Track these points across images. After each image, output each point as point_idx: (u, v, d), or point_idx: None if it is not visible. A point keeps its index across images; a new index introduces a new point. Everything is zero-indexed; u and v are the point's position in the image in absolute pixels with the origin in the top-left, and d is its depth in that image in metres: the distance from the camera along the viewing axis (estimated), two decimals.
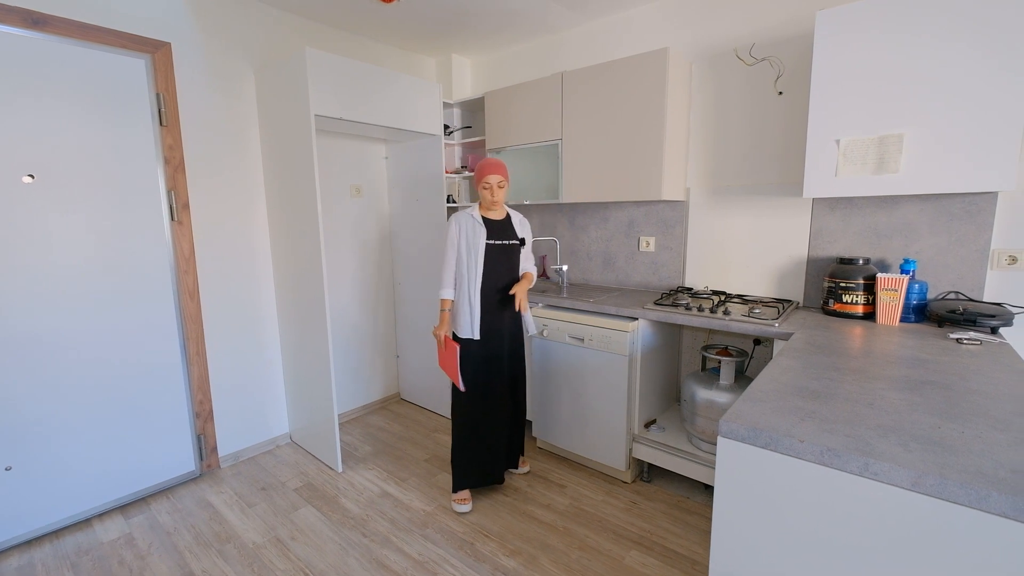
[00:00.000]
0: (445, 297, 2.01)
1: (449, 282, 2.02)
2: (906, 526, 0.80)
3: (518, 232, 2.09)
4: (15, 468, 1.88)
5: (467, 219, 2.01)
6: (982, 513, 0.73)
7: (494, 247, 1.99)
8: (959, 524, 0.75)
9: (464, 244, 1.99)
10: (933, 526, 0.77)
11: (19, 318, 1.84)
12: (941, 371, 1.25)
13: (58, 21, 1.83)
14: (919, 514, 0.78)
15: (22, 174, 1.82)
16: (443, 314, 2.01)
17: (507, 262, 2.04)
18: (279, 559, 1.80)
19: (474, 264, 1.97)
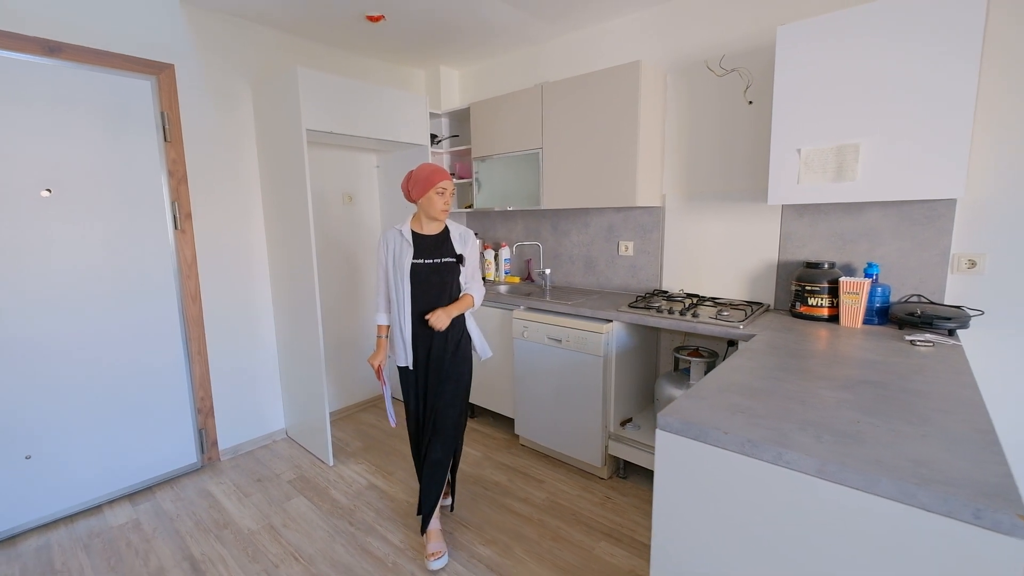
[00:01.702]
0: (380, 323, 1.86)
1: (383, 305, 1.85)
2: (812, 509, 0.84)
3: (456, 247, 1.81)
4: (33, 457, 2.00)
5: (395, 236, 1.79)
6: (873, 496, 0.77)
7: (422, 267, 1.75)
8: (854, 507, 0.80)
9: (392, 264, 1.78)
10: (833, 509, 0.82)
11: (37, 319, 1.95)
12: (884, 371, 1.28)
13: (72, 48, 1.95)
14: (822, 498, 0.83)
15: (40, 188, 1.94)
16: (378, 341, 1.87)
17: (440, 283, 1.77)
18: (271, 544, 1.88)
19: (402, 286, 1.75)
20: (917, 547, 0.75)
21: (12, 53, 1.85)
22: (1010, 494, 0.71)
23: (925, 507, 0.73)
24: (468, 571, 1.71)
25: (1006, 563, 0.68)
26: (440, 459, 1.79)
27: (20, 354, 1.93)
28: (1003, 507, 0.68)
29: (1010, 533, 0.67)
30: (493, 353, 2.66)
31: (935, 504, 0.73)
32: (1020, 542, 0.67)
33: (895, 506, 0.76)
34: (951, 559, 0.72)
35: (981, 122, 1.65)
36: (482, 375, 2.78)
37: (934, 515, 0.73)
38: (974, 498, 0.71)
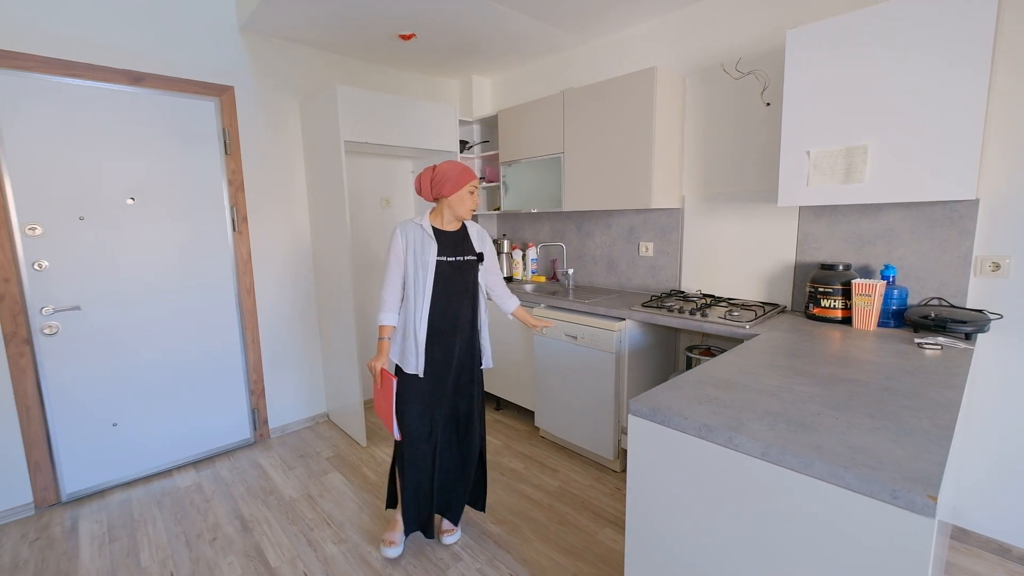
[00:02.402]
0: (386, 323, 1.69)
1: (392, 304, 1.70)
2: (757, 488, 0.93)
3: (476, 246, 1.78)
4: (119, 425, 2.37)
5: (415, 230, 1.69)
6: (807, 477, 0.86)
7: (446, 265, 1.68)
8: (791, 487, 0.88)
9: (411, 260, 1.67)
10: (774, 488, 0.91)
11: (123, 308, 2.32)
12: (872, 371, 1.31)
13: (152, 77, 2.30)
14: (765, 478, 0.92)
15: (126, 197, 2.30)
16: (381, 343, 1.69)
17: (462, 282, 1.71)
18: (308, 510, 2.14)
19: (422, 285, 1.65)
20: (843, 524, 0.82)
21: (105, 84, 2.22)
22: (931, 479, 0.78)
23: (850, 487, 0.81)
24: (478, 545, 1.88)
25: (918, 539, 0.75)
26: (481, 449, 1.87)
27: (109, 337, 2.31)
28: (917, 489, 0.75)
29: (921, 512, 0.74)
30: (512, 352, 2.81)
31: (858, 485, 0.80)
32: (930, 520, 0.74)
33: (825, 486, 0.84)
34: (872, 535, 0.80)
35: (1007, 121, 1.60)
36: (507, 370, 2.94)
37: (857, 495, 0.80)
38: (894, 481, 0.78)
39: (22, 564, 1.88)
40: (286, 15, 2.37)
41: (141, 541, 2.00)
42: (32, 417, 2.16)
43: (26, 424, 2.15)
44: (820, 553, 0.86)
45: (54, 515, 2.18)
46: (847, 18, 1.63)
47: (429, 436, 1.76)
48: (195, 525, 2.08)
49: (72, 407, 2.25)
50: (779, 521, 0.90)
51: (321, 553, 1.88)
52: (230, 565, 1.84)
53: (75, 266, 2.21)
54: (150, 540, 2.00)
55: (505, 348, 2.93)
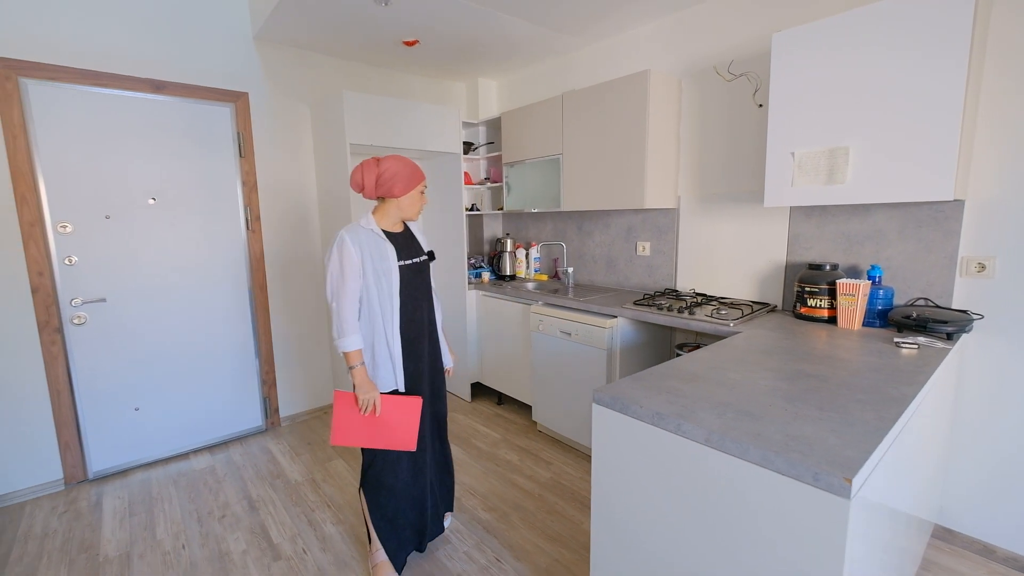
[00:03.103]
0: (354, 348, 1.49)
1: (355, 325, 1.50)
2: (700, 471, 1.00)
3: (423, 244, 1.72)
4: (140, 410, 2.56)
5: (367, 236, 1.53)
6: (742, 461, 0.92)
7: (406, 269, 1.57)
8: (729, 470, 0.95)
9: (371, 270, 1.50)
10: (714, 471, 0.97)
11: (145, 300, 2.51)
12: (839, 368, 1.36)
13: (172, 85, 2.47)
14: (707, 462, 0.99)
15: (148, 198, 2.48)
16: (357, 372, 1.50)
17: (422, 284, 1.64)
18: (311, 493, 2.28)
19: (388, 294, 1.52)
20: (774, 505, 0.89)
21: (130, 92, 2.40)
22: (852, 464, 0.83)
23: (779, 471, 0.87)
24: (468, 530, 1.98)
25: (835, 517, 0.81)
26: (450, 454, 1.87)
27: (132, 327, 2.49)
28: (835, 472, 0.81)
29: (838, 493, 0.80)
30: (512, 347, 2.89)
31: (786, 468, 0.86)
32: (844, 500, 0.80)
33: (759, 470, 0.90)
34: (797, 514, 0.86)
35: (994, 125, 1.61)
36: (507, 366, 3.04)
37: (785, 478, 0.87)
38: (818, 465, 0.84)
39: (51, 533, 2.06)
40: (296, 24, 2.51)
41: (158, 517, 2.16)
42: (63, 400, 2.36)
43: (57, 407, 2.34)
44: (756, 532, 0.92)
45: (81, 491, 2.37)
46: (829, 21, 1.66)
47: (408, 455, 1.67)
48: (207, 504, 2.24)
49: (98, 392, 2.44)
50: (721, 503, 0.97)
51: (320, 533, 2.01)
52: (236, 540, 1.98)
53: (101, 261, 2.40)
54: (166, 516, 2.16)
55: (505, 344, 3.02)
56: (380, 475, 1.63)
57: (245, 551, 1.92)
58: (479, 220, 3.71)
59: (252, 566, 1.84)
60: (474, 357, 3.28)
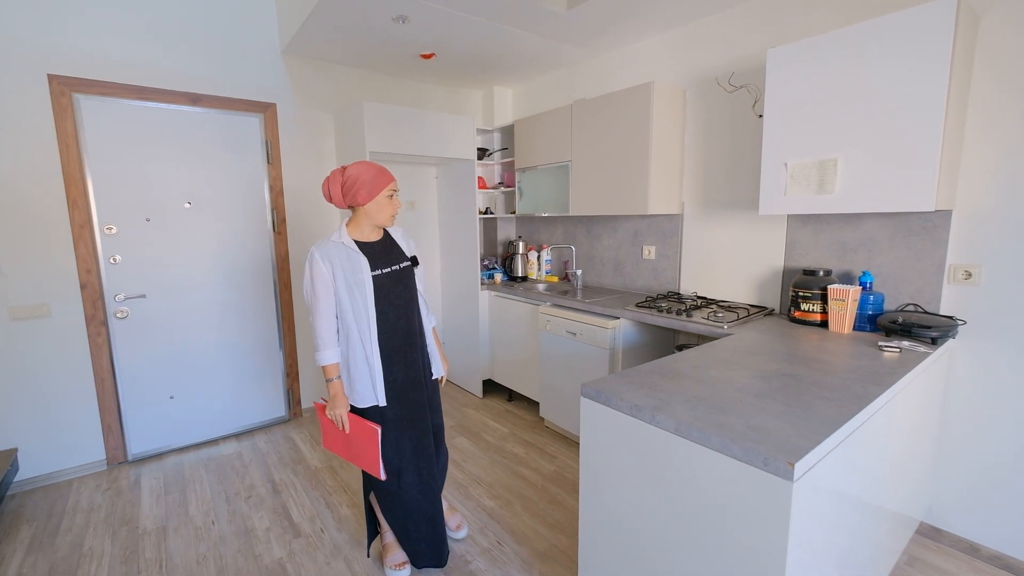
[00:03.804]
0: (330, 362, 1.53)
1: (331, 340, 1.54)
2: (669, 456, 1.13)
3: (406, 250, 1.66)
4: (175, 398, 2.79)
5: (337, 249, 1.53)
6: (704, 448, 1.05)
7: (383, 278, 1.55)
8: (694, 456, 1.07)
9: (342, 283, 1.51)
10: (681, 457, 1.10)
11: (180, 296, 2.74)
12: (815, 368, 1.46)
13: (208, 98, 2.70)
14: (676, 449, 1.11)
15: (184, 201, 2.71)
16: (332, 385, 1.54)
17: (403, 292, 1.59)
18: (329, 478, 2.47)
19: (363, 306, 1.51)
20: (729, 487, 1.01)
21: (169, 105, 2.63)
22: (799, 451, 0.95)
23: (735, 456, 1.00)
24: (473, 516, 2.13)
25: (780, 497, 0.93)
26: (445, 463, 1.83)
27: (169, 322, 2.73)
28: (781, 456, 0.93)
29: (784, 476, 0.92)
30: (522, 346, 3.03)
31: (741, 454, 0.99)
32: (788, 483, 0.92)
33: (719, 456, 1.03)
34: (749, 496, 0.98)
35: (977, 135, 1.68)
36: (517, 364, 3.18)
37: (739, 462, 0.99)
38: (768, 451, 0.96)
39: (96, 508, 2.30)
40: (321, 39, 2.70)
41: (190, 496, 2.38)
42: (106, 388, 2.60)
43: (101, 393, 2.59)
44: (715, 513, 1.04)
45: (121, 471, 2.62)
46: (819, 39, 1.75)
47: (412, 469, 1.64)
48: (234, 485, 2.45)
49: (137, 381, 2.69)
50: (686, 486, 1.10)
51: (336, 514, 2.19)
52: (260, 518, 2.18)
53: (142, 260, 2.64)
54: (197, 495, 2.38)
55: (515, 343, 3.17)
56: (385, 483, 1.63)
57: (268, 528, 2.11)
58: (493, 223, 3.87)
59: (274, 542, 2.02)
60: (486, 355, 3.43)
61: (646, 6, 2.31)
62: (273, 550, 1.97)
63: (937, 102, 1.52)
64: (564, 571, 1.80)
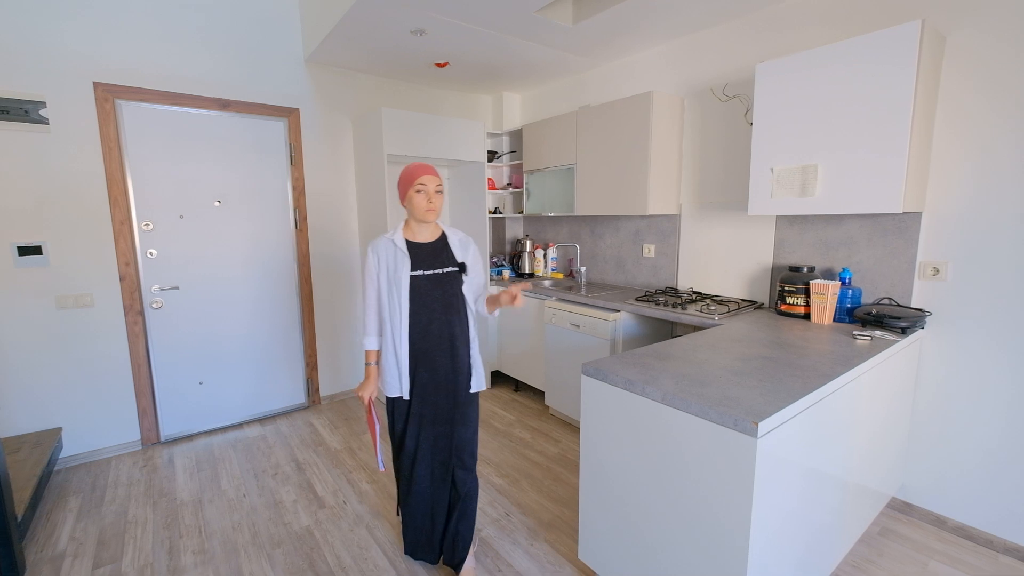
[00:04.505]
0: (369, 348, 1.68)
1: (373, 327, 1.68)
2: (656, 423, 1.33)
3: (458, 255, 1.68)
4: (204, 384, 3.03)
5: (386, 246, 1.64)
6: (686, 414, 1.25)
7: (423, 279, 1.60)
8: (677, 421, 1.28)
9: (384, 278, 1.62)
10: (666, 422, 1.30)
11: (209, 289, 2.97)
12: (792, 352, 1.65)
13: (237, 103, 2.93)
14: (662, 416, 1.32)
15: (214, 200, 2.94)
16: (368, 369, 1.68)
17: (442, 296, 1.63)
18: (349, 459, 2.69)
19: (397, 303, 1.59)
20: (706, 445, 1.21)
21: (201, 110, 2.86)
22: (763, 413, 1.15)
23: (711, 419, 1.20)
24: (483, 491, 2.35)
25: (746, 452, 1.13)
26: (472, 489, 1.72)
27: (199, 312, 2.96)
28: (748, 417, 1.13)
29: (750, 434, 1.12)
30: (527, 338, 3.24)
31: (716, 417, 1.19)
32: (753, 439, 1.12)
33: (697, 420, 1.23)
34: (722, 453, 1.18)
35: (944, 144, 1.87)
36: (523, 355, 3.39)
37: (714, 424, 1.19)
38: (738, 414, 1.16)
39: (135, 482, 2.53)
40: (342, 49, 2.92)
41: (221, 472, 2.61)
42: (142, 373, 2.83)
43: (137, 378, 2.82)
44: (695, 469, 1.25)
45: (155, 451, 2.85)
46: (802, 55, 1.95)
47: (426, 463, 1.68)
48: (261, 464, 2.67)
49: (170, 367, 2.92)
50: (671, 446, 1.30)
51: (357, 489, 2.41)
52: (287, 492, 2.40)
53: (176, 255, 2.87)
54: (227, 472, 2.61)
55: (522, 335, 3.38)
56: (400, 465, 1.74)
57: (295, 500, 2.33)
58: (501, 222, 4.08)
59: (302, 512, 2.24)
60: (494, 347, 3.64)
61: (646, 21, 2.51)
62: (301, 519, 2.19)
63: (903, 115, 1.71)
64: (566, 538, 2.01)
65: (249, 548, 2.01)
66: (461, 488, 1.71)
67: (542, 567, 1.86)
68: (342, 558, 1.93)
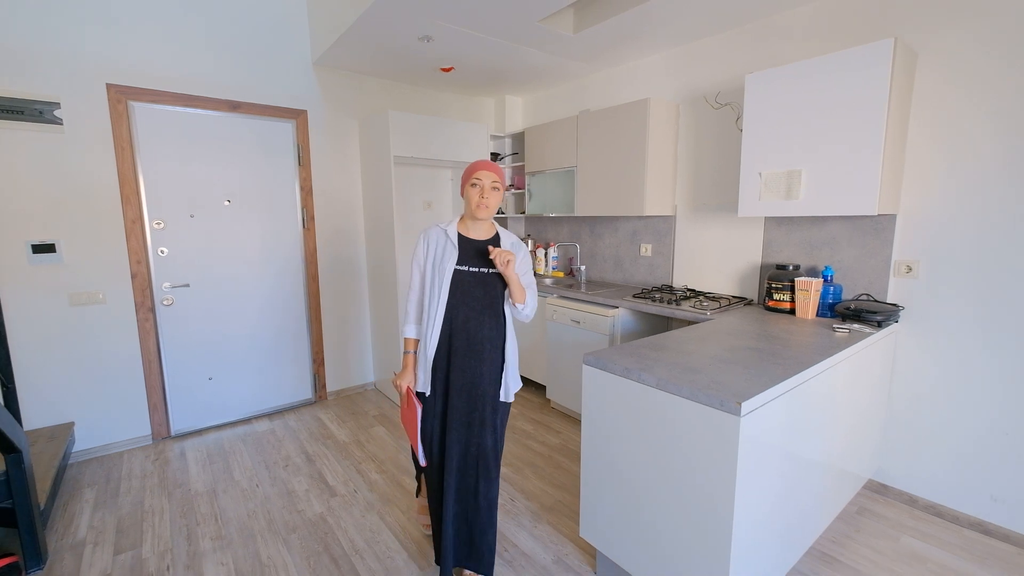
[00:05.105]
0: (407, 336, 1.67)
1: (413, 315, 1.68)
2: (651, 406, 1.50)
3: None
4: (213, 379, 3.16)
5: (438, 235, 1.64)
6: (678, 397, 1.42)
7: (466, 275, 1.59)
8: (669, 403, 1.44)
9: (430, 267, 1.62)
10: (661, 405, 1.47)
11: (219, 286, 3.10)
12: (776, 343, 1.83)
13: (246, 105, 3.06)
14: (656, 399, 1.48)
15: (224, 199, 3.07)
16: (406, 357, 1.66)
17: (483, 297, 1.60)
18: (357, 451, 2.84)
19: (436, 294, 1.58)
20: (695, 425, 1.38)
21: (211, 111, 2.99)
22: (746, 394, 1.32)
23: (699, 401, 1.37)
24: None
25: (731, 430, 1.30)
26: (494, 497, 1.68)
27: (209, 309, 3.09)
28: (732, 399, 1.30)
29: (733, 412, 1.29)
30: (530, 334, 3.40)
31: (705, 399, 1.36)
32: (736, 418, 1.28)
33: (688, 402, 1.40)
34: (709, 431, 1.35)
35: (916, 151, 2.06)
36: (525, 350, 3.55)
37: (702, 405, 1.36)
38: (724, 395, 1.33)
39: (149, 474, 2.66)
40: (351, 53, 3.06)
41: (233, 464, 2.75)
42: (153, 369, 2.96)
43: (148, 374, 2.95)
44: (686, 446, 1.41)
45: (166, 445, 2.98)
46: (788, 68, 2.12)
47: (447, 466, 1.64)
48: (271, 456, 2.82)
49: (180, 363, 3.05)
50: (664, 427, 1.47)
51: (367, 478, 2.56)
52: (299, 482, 2.55)
53: (187, 253, 3.00)
54: (239, 463, 2.75)
55: (523, 332, 3.54)
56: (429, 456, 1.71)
57: (307, 489, 2.48)
58: (504, 222, 4.24)
59: (314, 500, 2.39)
60: None
61: (643, 31, 2.68)
62: (314, 506, 2.34)
63: (878, 125, 1.89)
64: (567, 520, 2.18)
65: (265, 534, 2.15)
66: (483, 499, 1.66)
67: (545, 546, 2.02)
68: (355, 541, 2.08)
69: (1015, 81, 1.82)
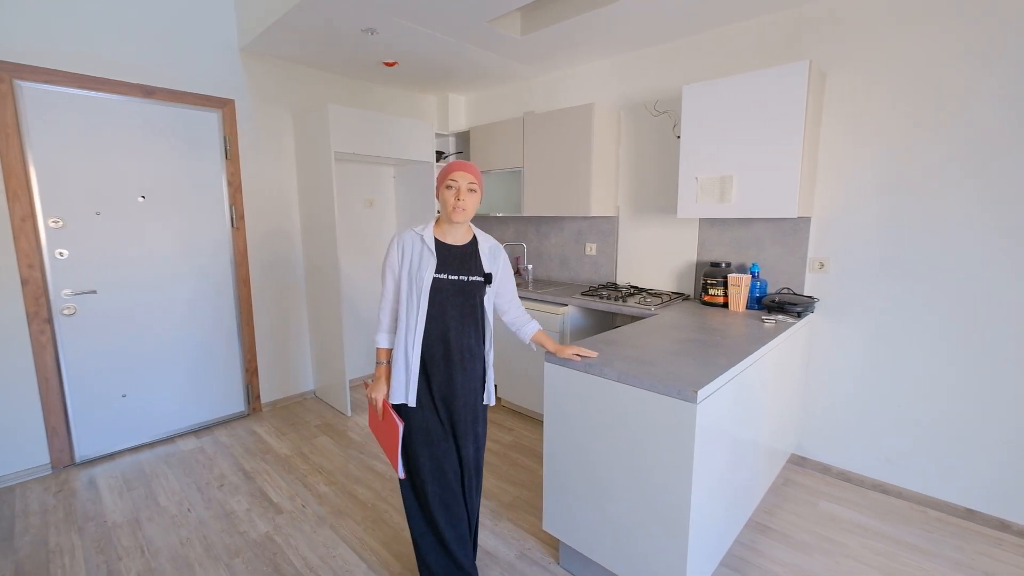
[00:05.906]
0: (380, 345, 1.61)
1: (387, 324, 1.62)
2: (613, 399, 1.60)
3: (485, 265, 1.62)
4: (127, 396, 2.86)
5: (413, 240, 1.58)
6: (638, 389, 1.53)
7: (446, 283, 1.54)
8: (631, 395, 1.56)
9: (406, 275, 1.56)
10: (622, 398, 1.58)
11: (133, 293, 2.82)
12: (716, 334, 2.02)
13: (162, 91, 2.80)
14: (617, 393, 1.59)
15: (138, 195, 2.80)
16: (379, 368, 1.60)
17: (464, 305, 1.57)
18: (302, 463, 2.71)
19: (415, 305, 1.53)
20: (655, 414, 1.50)
21: (120, 96, 2.71)
22: (699, 383, 1.46)
23: (659, 391, 1.49)
24: None
25: (688, 417, 1.43)
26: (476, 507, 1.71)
27: (121, 318, 2.80)
28: (689, 388, 1.43)
29: (690, 400, 1.42)
30: None
31: (664, 389, 1.48)
32: (693, 405, 1.42)
33: (648, 393, 1.51)
34: (668, 419, 1.47)
35: (826, 160, 2.37)
36: None
37: (662, 395, 1.48)
38: (681, 385, 1.46)
39: (51, 509, 2.37)
40: (285, 41, 2.91)
41: (157, 489, 2.52)
42: (51, 388, 2.63)
43: (45, 394, 2.62)
44: (646, 436, 1.53)
45: (70, 473, 2.66)
46: (719, 81, 2.34)
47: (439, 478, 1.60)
48: (203, 476, 2.62)
49: (87, 379, 2.73)
50: (626, 418, 1.58)
51: (315, 492, 2.46)
52: (238, 502, 2.39)
53: (92, 255, 2.69)
54: (164, 488, 2.53)
55: None
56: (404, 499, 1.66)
57: (248, 509, 2.34)
58: None
59: (257, 519, 2.26)
60: None
61: (586, 38, 2.81)
62: (257, 526, 2.21)
63: (796, 137, 2.15)
64: (527, 515, 2.25)
65: (204, 561, 2.01)
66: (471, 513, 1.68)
67: (507, 542, 2.08)
68: (309, 559, 2.01)
69: (899, 110, 2.16)
